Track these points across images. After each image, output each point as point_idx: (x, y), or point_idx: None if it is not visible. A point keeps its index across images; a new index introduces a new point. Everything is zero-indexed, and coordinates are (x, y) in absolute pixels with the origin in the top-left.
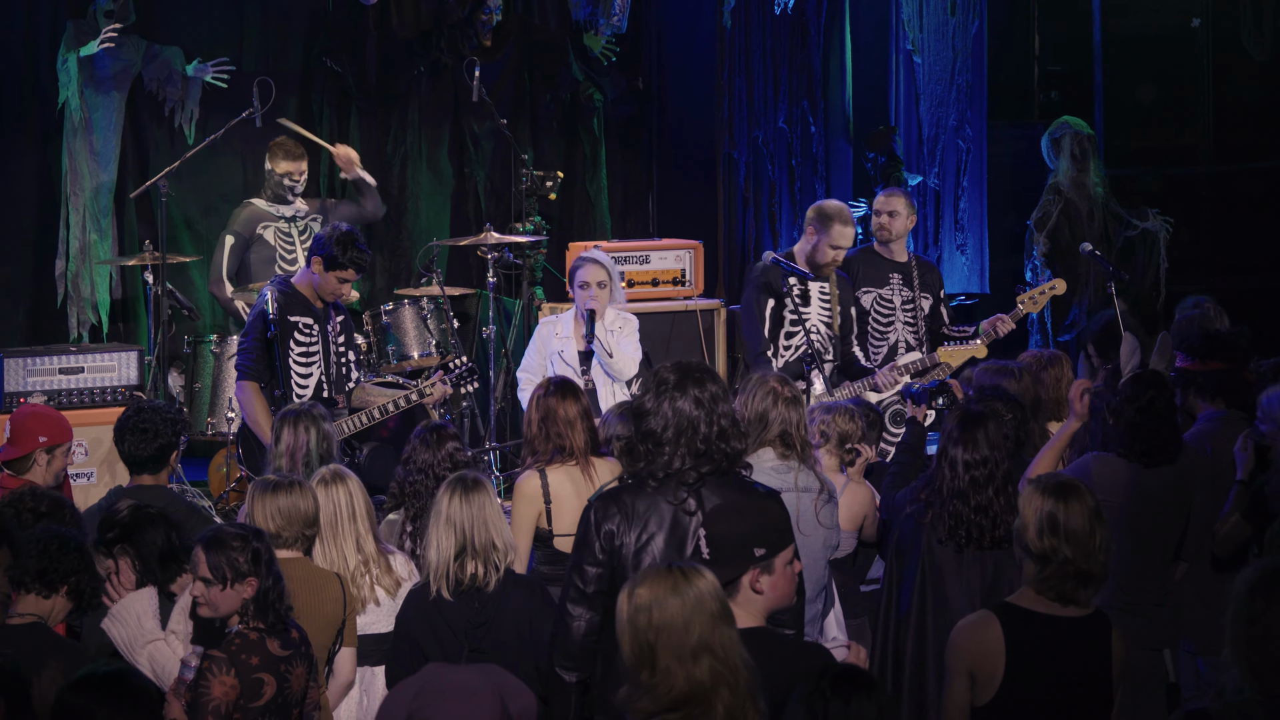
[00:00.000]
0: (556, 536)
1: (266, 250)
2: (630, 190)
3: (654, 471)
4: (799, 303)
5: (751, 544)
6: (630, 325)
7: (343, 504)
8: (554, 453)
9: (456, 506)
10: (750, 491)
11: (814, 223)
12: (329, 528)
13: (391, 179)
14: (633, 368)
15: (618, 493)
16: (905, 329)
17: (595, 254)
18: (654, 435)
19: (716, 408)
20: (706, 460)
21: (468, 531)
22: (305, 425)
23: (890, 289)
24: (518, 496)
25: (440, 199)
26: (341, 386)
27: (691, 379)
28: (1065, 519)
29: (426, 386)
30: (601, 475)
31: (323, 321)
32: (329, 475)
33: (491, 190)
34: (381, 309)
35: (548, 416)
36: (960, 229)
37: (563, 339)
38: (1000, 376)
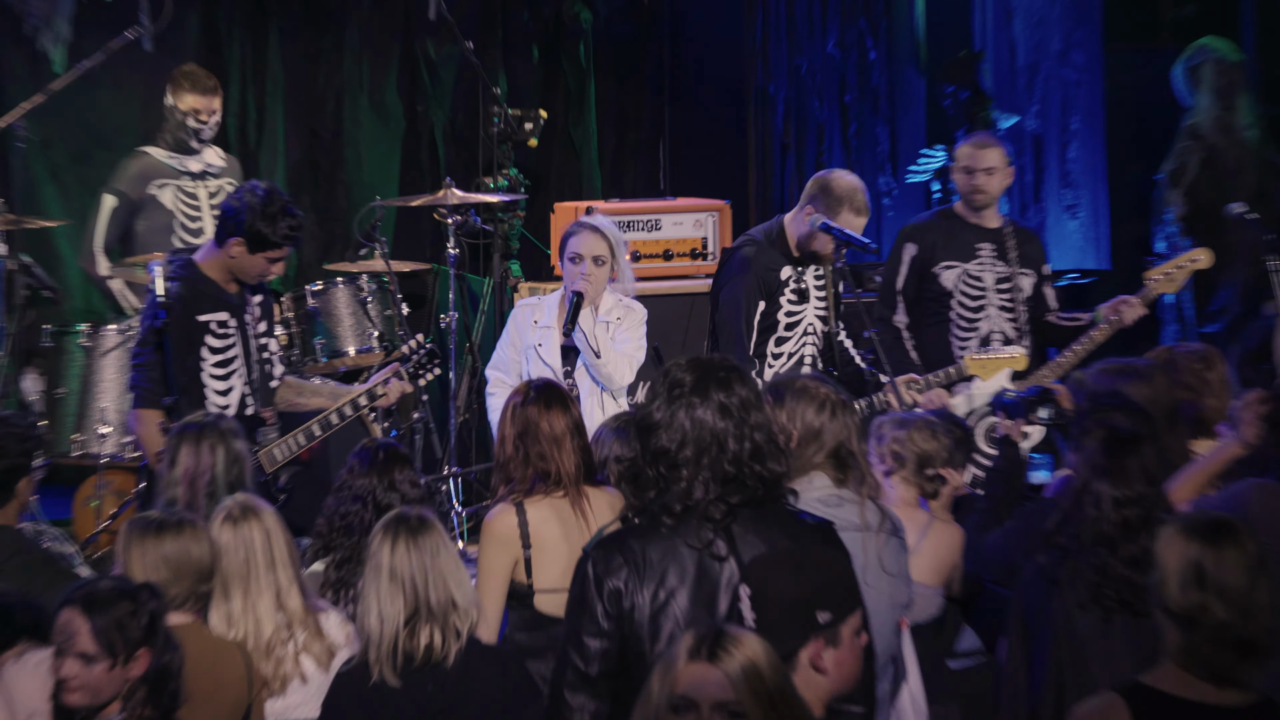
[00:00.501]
0: (539, 593)
1: (161, 216)
2: (630, 136)
3: (668, 504)
4: (795, 299)
5: (814, 606)
6: (633, 317)
7: (257, 547)
8: (535, 480)
9: (402, 556)
10: (800, 529)
11: (817, 199)
12: (238, 579)
13: (323, 119)
14: (627, 372)
15: (622, 537)
16: (1001, 316)
17: (597, 220)
18: (667, 455)
19: (748, 417)
20: (737, 487)
21: (419, 588)
22: (210, 443)
23: (980, 264)
24: (487, 539)
25: (386, 146)
26: (269, 397)
27: (714, 380)
28: (1217, 569)
29: (379, 386)
30: (598, 510)
31: (239, 312)
32: (238, 509)
33: (452, 134)
34: (307, 290)
35: (527, 431)
36: (1069, 185)
37: (542, 329)
38: (1123, 379)
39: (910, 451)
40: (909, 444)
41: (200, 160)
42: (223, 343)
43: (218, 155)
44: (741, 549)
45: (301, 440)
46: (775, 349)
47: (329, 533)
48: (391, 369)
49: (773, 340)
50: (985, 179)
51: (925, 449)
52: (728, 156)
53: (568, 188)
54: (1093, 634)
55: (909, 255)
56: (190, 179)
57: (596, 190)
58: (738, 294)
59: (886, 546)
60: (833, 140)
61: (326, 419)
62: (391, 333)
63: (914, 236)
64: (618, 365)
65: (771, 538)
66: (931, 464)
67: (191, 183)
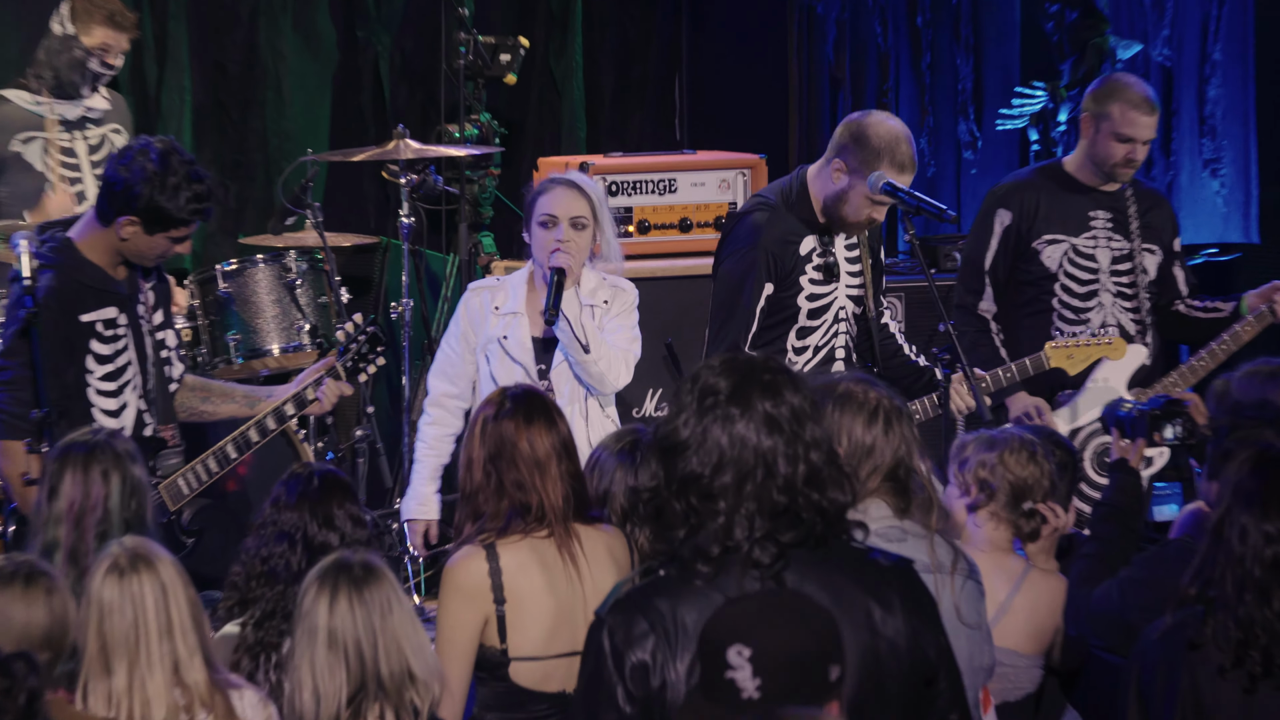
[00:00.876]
0: (515, 661)
1: (28, 179)
2: (636, 71)
3: (703, 548)
4: (821, 277)
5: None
6: (624, 300)
7: (149, 606)
8: (511, 515)
9: (344, 615)
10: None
11: (847, 152)
12: (123, 648)
13: (233, 50)
14: (623, 371)
15: (646, 595)
16: (1117, 305)
17: (572, 174)
18: (699, 483)
19: (802, 431)
20: (790, 522)
21: (366, 657)
22: (102, 469)
23: (1093, 238)
24: (449, 592)
25: (317, 83)
26: (169, 410)
27: (758, 385)
28: None
29: (309, 389)
30: (593, 555)
31: (130, 305)
32: (126, 558)
33: (404, 69)
34: (218, 271)
35: (501, 453)
36: (1209, 134)
37: (506, 317)
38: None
39: (1002, 480)
40: (1000, 470)
41: (77, 104)
42: (111, 347)
43: (101, 95)
44: None
45: (213, 466)
46: (798, 342)
47: (246, 581)
48: (324, 365)
49: (793, 332)
50: (1143, 151)
51: (1021, 477)
52: (762, 97)
53: (555, 139)
54: (1232, 709)
55: (1001, 225)
56: (64, 129)
57: (579, 140)
58: (741, 272)
59: (963, 592)
60: (899, 75)
61: (244, 437)
62: (327, 325)
63: (1008, 201)
64: (611, 363)
65: (835, 585)
66: (1029, 496)
67: (67, 134)
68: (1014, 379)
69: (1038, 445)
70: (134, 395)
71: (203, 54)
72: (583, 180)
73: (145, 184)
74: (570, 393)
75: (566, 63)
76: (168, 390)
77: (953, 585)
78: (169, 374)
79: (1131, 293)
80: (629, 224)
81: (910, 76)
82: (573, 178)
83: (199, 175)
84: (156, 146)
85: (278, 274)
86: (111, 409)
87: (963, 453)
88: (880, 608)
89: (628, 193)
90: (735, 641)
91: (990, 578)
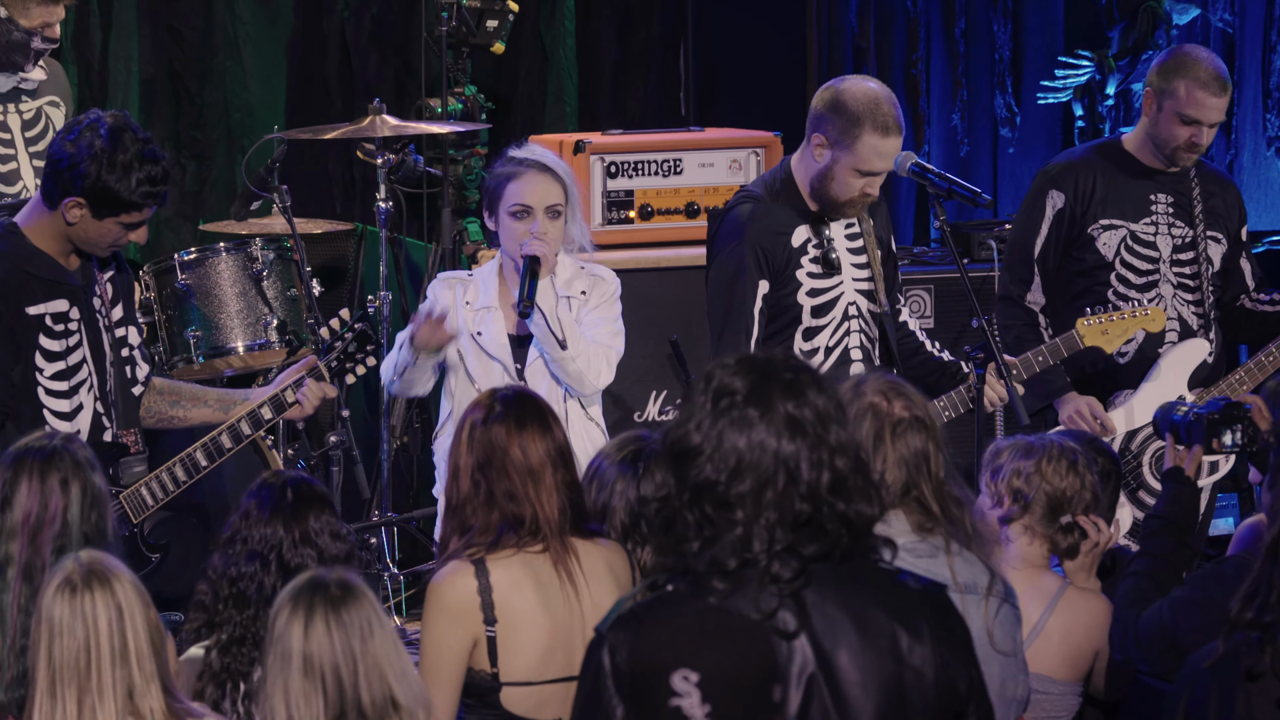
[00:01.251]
0: (507, 687)
1: None
2: (639, 38)
3: (720, 560)
4: (821, 270)
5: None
6: (603, 290)
7: (102, 628)
8: (502, 529)
9: (320, 639)
10: (900, 596)
11: (824, 123)
12: (71, 673)
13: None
14: (604, 369)
15: (651, 612)
16: (1178, 298)
17: (541, 153)
18: (714, 490)
19: (827, 435)
20: (813, 534)
21: (345, 683)
22: (61, 478)
23: (1153, 223)
24: (435, 611)
25: (277, 52)
26: (132, 414)
27: (779, 384)
28: None
29: (289, 390)
30: (591, 572)
31: (84, 297)
32: (80, 574)
33: (378, 36)
34: (176, 261)
35: (491, 461)
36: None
37: (480, 311)
38: None
39: (1039, 490)
40: (1037, 479)
41: (9, 76)
42: (62, 343)
43: (41, 69)
44: (817, 622)
45: (180, 475)
46: (805, 344)
47: (214, 603)
48: (305, 364)
49: (799, 333)
50: (1209, 135)
51: (1059, 488)
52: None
53: (549, 113)
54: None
55: (1053, 208)
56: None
57: (568, 115)
58: (730, 272)
59: (998, 616)
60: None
61: (215, 443)
62: (298, 320)
63: (1061, 181)
64: (591, 360)
65: (859, 606)
66: (1068, 509)
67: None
68: (1046, 362)
69: (1079, 453)
70: (89, 396)
71: (154, 19)
72: (554, 161)
73: (92, 162)
74: (548, 392)
75: (557, 28)
76: (130, 392)
77: (986, 609)
78: (134, 375)
79: (1194, 284)
80: (630, 209)
81: (942, 45)
82: (543, 159)
83: (154, 155)
84: (107, 121)
85: (242, 264)
86: (64, 410)
87: (996, 460)
88: (908, 634)
89: (629, 174)
90: (679, 666)
91: (1022, 597)
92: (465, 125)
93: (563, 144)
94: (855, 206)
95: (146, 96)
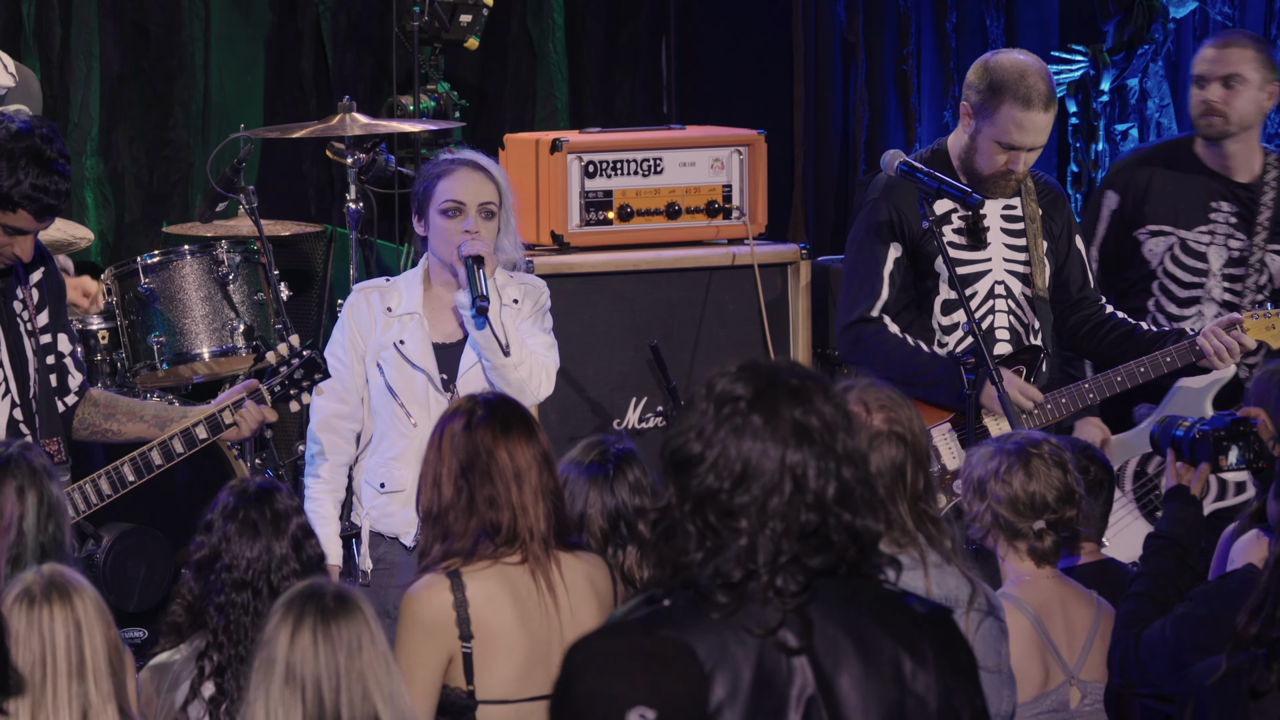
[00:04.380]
0: (484, 705)
1: None
2: (622, 33)
3: (724, 571)
4: (966, 241)
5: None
6: (535, 298)
7: (59, 644)
8: (479, 537)
9: (305, 649)
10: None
11: (973, 93)
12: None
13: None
14: (544, 381)
15: (648, 628)
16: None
17: (473, 153)
18: (715, 499)
19: (835, 444)
20: (818, 546)
21: (325, 697)
22: (17, 485)
23: (1209, 232)
24: (408, 626)
25: (248, 48)
26: (54, 423)
27: (784, 391)
28: None
29: (227, 410)
30: (572, 586)
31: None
32: (40, 586)
33: (350, 32)
34: (139, 264)
35: (474, 465)
36: None
37: (402, 319)
38: None
39: (1007, 493)
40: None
41: None
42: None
43: (3, 68)
44: (818, 643)
45: (105, 488)
46: (944, 318)
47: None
48: (245, 386)
49: (938, 305)
50: (1223, 95)
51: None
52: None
53: (525, 112)
54: None
55: (1109, 209)
56: None
57: (559, 112)
58: (864, 230)
59: (979, 631)
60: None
61: (144, 458)
62: (265, 325)
63: (1115, 181)
64: (534, 370)
65: (862, 628)
66: (1034, 513)
67: None
68: (1175, 364)
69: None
70: (5, 402)
71: (117, 14)
72: (487, 161)
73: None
74: None
75: (544, 23)
76: (53, 399)
77: (968, 623)
78: (64, 383)
79: (1241, 302)
80: (609, 210)
81: (933, 39)
82: (476, 158)
83: (59, 169)
84: (27, 122)
85: (207, 267)
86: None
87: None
88: (911, 660)
89: (607, 174)
90: (634, 704)
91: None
92: (438, 123)
93: (539, 143)
94: (1000, 183)
95: (111, 94)
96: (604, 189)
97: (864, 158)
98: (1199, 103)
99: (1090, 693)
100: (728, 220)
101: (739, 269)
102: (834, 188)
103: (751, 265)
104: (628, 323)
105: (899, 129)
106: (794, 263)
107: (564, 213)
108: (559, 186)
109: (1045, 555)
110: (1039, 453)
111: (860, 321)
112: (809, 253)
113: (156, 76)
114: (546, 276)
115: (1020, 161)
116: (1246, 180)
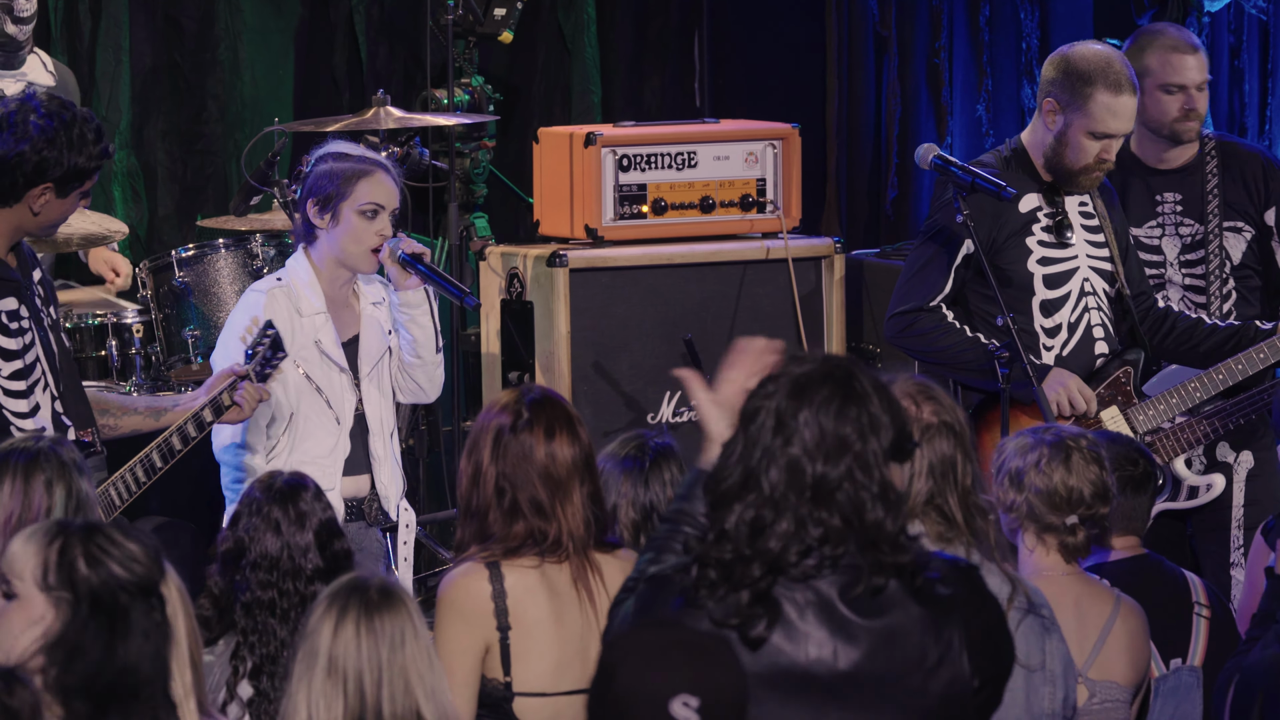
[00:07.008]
0: (521, 697)
1: None
2: (653, 27)
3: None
4: (1052, 240)
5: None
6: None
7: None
8: (525, 541)
9: (348, 642)
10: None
11: (1056, 88)
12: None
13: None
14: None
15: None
16: (1189, 301)
17: (372, 153)
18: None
19: (869, 442)
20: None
21: (367, 690)
22: (46, 479)
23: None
24: (446, 613)
25: (281, 41)
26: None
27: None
28: None
29: (225, 394)
30: (612, 585)
31: (28, 296)
32: None
33: (383, 25)
34: (174, 257)
35: (519, 469)
36: None
37: (313, 319)
38: None
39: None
40: (1041, 477)
41: (17, 76)
42: (19, 341)
43: (43, 65)
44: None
45: (141, 475)
46: (1045, 320)
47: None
48: (230, 371)
49: (1037, 307)
50: (1199, 99)
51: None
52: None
53: (558, 106)
54: None
55: None
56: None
57: (595, 107)
58: (937, 221)
59: (1019, 629)
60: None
61: (167, 444)
62: None
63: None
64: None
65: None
66: (1071, 508)
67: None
68: (1267, 360)
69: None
70: (45, 395)
71: (149, 8)
72: (384, 162)
73: (51, 144)
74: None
75: (576, 17)
76: (81, 389)
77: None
78: None
79: (1204, 285)
80: (643, 203)
81: (966, 33)
82: (385, 161)
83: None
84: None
85: (242, 261)
86: (23, 410)
87: (999, 459)
88: (937, 650)
89: (641, 168)
90: (679, 692)
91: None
92: (472, 117)
93: (573, 136)
94: (1091, 175)
95: (143, 88)
96: (638, 183)
97: (896, 151)
98: (1180, 109)
99: (1100, 692)
100: (762, 214)
101: (773, 263)
102: (866, 182)
103: (786, 259)
104: (662, 316)
105: (931, 122)
106: (828, 256)
107: (598, 206)
108: (593, 180)
109: (1075, 550)
110: (1078, 447)
111: (917, 310)
112: (843, 246)
113: (189, 70)
114: (580, 270)
115: (1113, 150)
116: (1182, 164)
